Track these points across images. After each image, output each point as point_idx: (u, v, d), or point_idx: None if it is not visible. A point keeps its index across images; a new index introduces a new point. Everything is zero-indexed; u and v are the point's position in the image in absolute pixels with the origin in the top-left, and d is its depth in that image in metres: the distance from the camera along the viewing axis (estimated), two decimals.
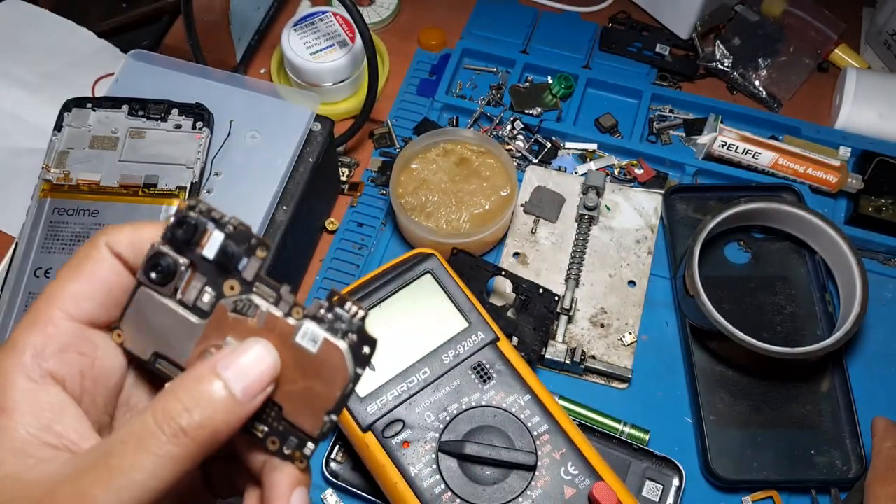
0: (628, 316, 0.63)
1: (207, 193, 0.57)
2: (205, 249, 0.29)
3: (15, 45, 0.72)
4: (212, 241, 0.29)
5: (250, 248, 0.29)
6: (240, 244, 0.29)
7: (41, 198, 0.55)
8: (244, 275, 0.29)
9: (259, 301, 0.29)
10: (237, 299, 0.29)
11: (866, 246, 0.66)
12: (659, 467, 0.55)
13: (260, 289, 0.29)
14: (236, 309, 0.29)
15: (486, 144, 0.65)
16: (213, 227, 0.29)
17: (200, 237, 0.29)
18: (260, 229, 0.56)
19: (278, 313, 0.28)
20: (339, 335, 0.28)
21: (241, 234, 0.29)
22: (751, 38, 0.77)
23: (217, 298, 0.29)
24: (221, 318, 0.29)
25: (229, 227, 0.29)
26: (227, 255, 0.29)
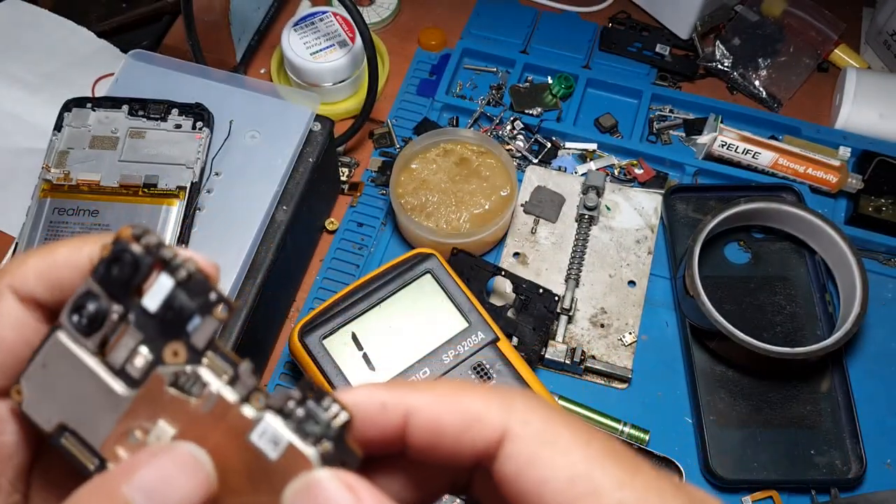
0: (628, 316, 0.63)
1: (207, 193, 0.57)
2: (146, 298, 0.22)
3: (15, 45, 0.72)
4: (157, 289, 0.22)
5: (207, 305, 0.22)
6: (193, 297, 0.22)
7: (41, 198, 0.55)
8: (193, 339, 0.22)
9: (209, 377, 0.22)
10: (180, 370, 0.22)
11: (866, 246, 0.66)
12: (659, 467, 0.55)
13: (212, 361, 0.22)
14: (177, 383, 0.22)
15: (486, 144, 0.65)
16: (160, 270, 0.22)
17: (143, 280, 0.22)
18: (260, 229, 0.56)
19: (232, 398, 0.21)
20: (311, 440, 0.21)
21: (198, 284, 0.22)
22: (751, 38, 0.77)
23: (153, 364, 0.22)
24: (156, 391, 0.22)
25: (182, 272, 0.22)
26: (174, 309, 0.22)
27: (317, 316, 0.54)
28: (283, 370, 0.61)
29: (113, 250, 0.22)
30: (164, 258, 0.22)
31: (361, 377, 0.52)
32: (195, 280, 0.22)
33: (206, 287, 0.22)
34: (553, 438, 0.21)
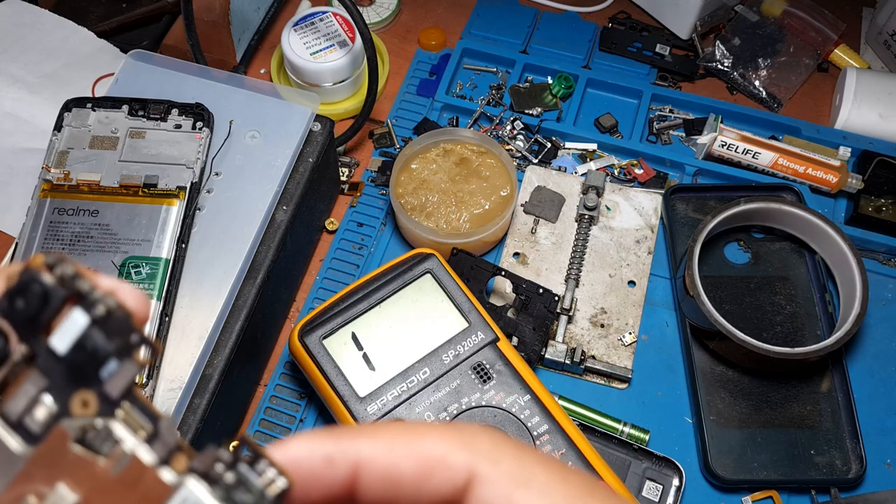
0: (628, 316, 0.63)
1: (207, 193, 0.57)
2: (55, 336, 0.19)
3: (15, 45, 0.72)
4: (67, 327, 0.19)
5: (126, 347, 0.19)
6: (111, 338, 0.19)
7: (41, 198, 0.55)
8: (108, 387, 0.19)
9: (122, 433, 0.19)
10: (88, 424, 0.19)
11: (866, 246, 0.66)
12: (659, 467, 0.55)
13: (128, 413, 0.19)
14: (84, 440, 0.19)
15: (486, 144, 0.65)
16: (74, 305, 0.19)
17: (53, 316, 0.19)
18: (260, 229, 0.56)
19: (149, 458, 0.18)
20: None
21: (118, 322, 0.19)
22: (751, 38, 0.77)
23: (57, 416, 0.19)
24: (58, 449, 0.19)
25: (100, 307, 0.19)
26: (88, 351, 0.19)
27: (317, 316, 0.54)
28: (283, 370, 0.61)
29: (20, 280, 0.19)
30: (81, 291, 0.19)
31: (361, 377, 0.52)
32: (115, 317, 0.19)
33: (128, 326, 0.19)
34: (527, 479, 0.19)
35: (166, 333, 0.51)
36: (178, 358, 0.51)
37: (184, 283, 0.53)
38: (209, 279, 0.54)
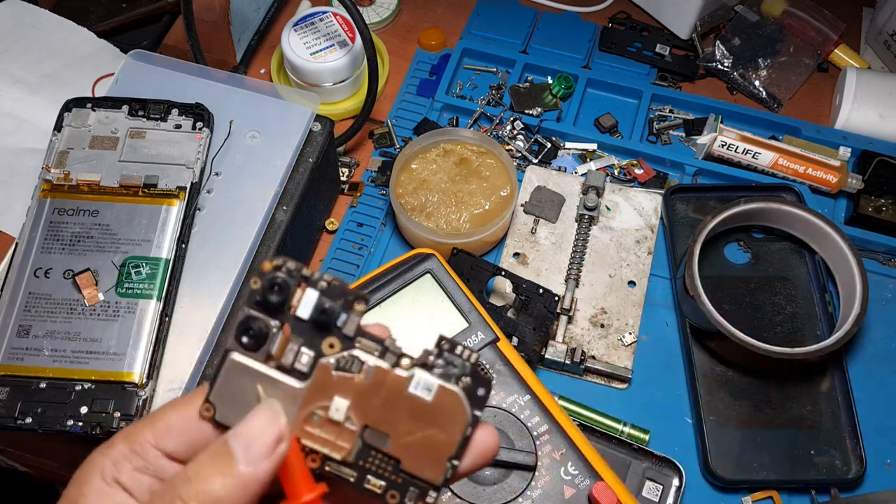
0: (628, 316, 0.63)
1: (207, 193, 0.57)
2: (299, 309, 0.28)
3: (15, 45, 0.72)
4: (306, 300, 0.28)
5: (347, 304, 0.28)
6: (335, 300, 0.28)
7: (41, 198, 0.55)
8: (345, 331, 0.28)
9: (364, 356, 0.27)
10: (339, 356, 0.28)
11: (866, 246, 0.66)
12: (659, 467, 0.55)
13: (363, 343, 0.28)
14: (339, 367, 0.27)
15: (486, 144, 0.65)
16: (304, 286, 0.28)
17: (291, 297, 0.28)
18: (260, 229, 0.56)
19: (386, 366, 0.27)
20: (453, 380, 0.27)
21: (336, 289, 0.28)
22: (751, 38, 0.77)
23: (316, 358, 0.28)
24: (325, 377, 0.28)
25: (322, 283, 0.28)
26: (325, 312, 0.27)
27: None
28: None
29: (264, 280, 0.28)
30: (305, 276, 0.28)
31: None
32: (333, 286, 0.28)
33: (344, 289, 0.28)
34: None
35: (166, 333, 0.51)
36: (178, 358, 0.51)
37: (184, 283, 0.53)
38: (209, 279, 0.54)
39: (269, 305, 0.28)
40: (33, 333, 0.50)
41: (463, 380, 0.27)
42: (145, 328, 0.51)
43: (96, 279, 0.52)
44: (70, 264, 0.52)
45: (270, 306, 0.28)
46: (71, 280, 0.52)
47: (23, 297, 0.52)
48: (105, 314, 0.51)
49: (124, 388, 0.49)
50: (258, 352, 0.28)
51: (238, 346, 0.28)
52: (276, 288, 0.27)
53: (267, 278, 0.28)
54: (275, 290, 0.27)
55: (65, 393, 0.49)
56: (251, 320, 0.28)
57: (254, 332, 0.27)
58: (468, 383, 0.27)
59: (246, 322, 0.28)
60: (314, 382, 0.28)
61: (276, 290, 0.27)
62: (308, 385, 0.28)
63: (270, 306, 0.28)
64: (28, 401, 0.48)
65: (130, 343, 0.50)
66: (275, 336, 0.28)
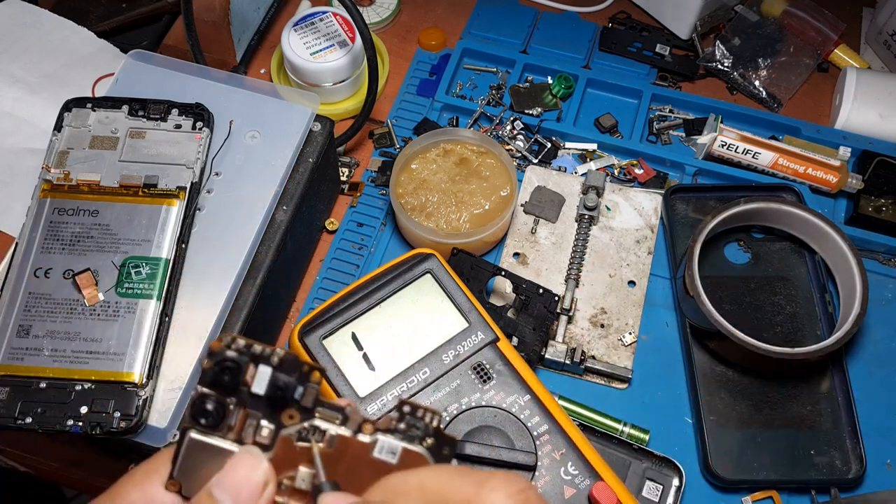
0: (628, 316, 0.63)
1: (207, 193, 0.57)
2: (254, 386, 0.28)
3: (15, 45, 0.72)
4: (259, 378, 0.28)
5: (302, 376, 0.28)
6: (290, 374, 0.28)
7: (41, 198, 0.55)
8: (303, 402, 0.28)
9: (325, 425, 0.28)
10: (300, 427, 0.28)
11: (866, 246, 0.66)
12: (659, 467, 0.55)
13: (322, 412, 0.28)
14: (301, 437, 0.28)
15: (486, 144, 0.65)
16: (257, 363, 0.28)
17: (244, 374, 0.28)
18: (260, 229, 0.56)
19: (348, 433, 0.28)
20: (417, 441, 0.28)
21: (290, 363, 0.28)
22: (751, 38, 0.77)
23: (277, 430, 0.28)
24: (287, 449, 0.28)
25: (274, 358, 0.28)
26: (280, 389, 0.27)
27: (317, 316, 0.54)
28: None
29: (214, 362, 0.28)
30: (256, 353, 0.28)
31: (361, 377, 0.52)
32: (286, 360, 0.28)
33: (298, 363, 0.28)
34: None
35: (166, 333, 0.51)
36: (178, 358, 0.51)
37: (184, 283, 0.53)
38: (209, 279, 0.54)
39: (222, 385, 0.28)
40: (33, 333, 0.50)
41: (427, 440, 0.28)
42: (145, 328, 0.51)
43: (96, 279, 0.52)
44: (70, 264, 0.52)
45: (224, 386, 0.28)
46: (71, 280, 0.52)
47: (23, 297, 0.52)
48: (105, 314, 0.51)
49: (124, 388, 0.49)
50: (217, 428, 0.28)
51: (195, 425, 0.28)
52: (229, 371, 0.27)
53: (217, 359, 0.27)
54: (226, 371, 0.27)
55: (65, 393, 0.49)
56: (206, 400, 0.27)
57: (210, 411, 0.27)
58: (432, 444, 0.28)
59: (202, 402, 0.27)
60: (277, 454, 0.28)
61: (228, 371, 0.27)
62: (270, 456, 0.28)
63: (224, 386, 0.28)
64: (28, 401, 0.48)
65: (130, 343, 0.50)
66: (232, 413, 0.28)
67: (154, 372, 0.50)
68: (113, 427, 0.48)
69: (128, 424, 0.48)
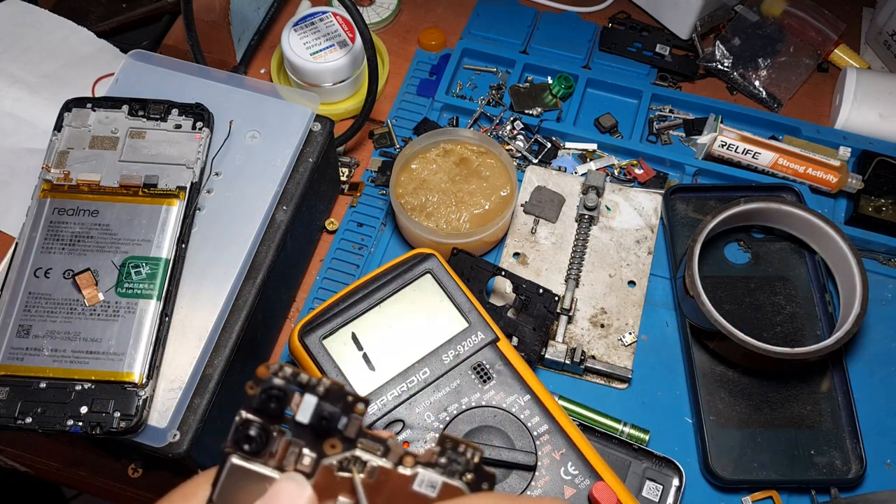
0: (628, 316, 0.63)
1: (207, 193, 0.57)
2: (298, 415, 0.28)
3: (15, 45, 0.72)
4: (305, 406, 0.28)
5: (347, 407, 0.28)
6: (335, 404, 0.28)
7: (41, 198, 0.55)
8: (346, 433, 0.28)
9: (366, 456, 0.28)
10: (342, 457, 0.28)
11: (866, 246, 0.66)
12: (659, 467, 0.55)
13: (364, 443, 0.28)
14: (342, 467, 0.28)
15: (486, 144, 0.65)
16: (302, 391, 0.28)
17: (289, 402, 0.28)
18: (260, 229, 0.56)
19: (389, 465, 0.28)
20: (457, 476, 0.28)
21: (335, 393, 0.28)
22: (751, 38, 0.77)
23: (318, 458, 0.28)
24: (328, 478, 0.28)
25: (321, 388, 0.28)
26: (325, 419, 0.28)
27: (317, 316, 0.54)
28: None
29: (261, 390, 0.28)
30: (302, 382, 0.28)
31: (361, 377, 0.52)
32: (332, 391, 0.28)
33: (343, 393, 0.28)
34: None
35: (166, 333, 0.51)
36: (178, 358, 0.51)
37: (184, 283, 0.53)
38: (209, 279, 0.54)
39: (268, 412, 0.28)
40: (33, 333, 0.50)
41: (466, 475, 0.28)
42: (145, 328, 0.51)
43: (96, 279, 0.52)
44: (70, 264, 0.52)
45: (269, 413, 0.28)
46: (71, 280, 0.52)
47: (23, 297, 0.52)
48: (105, 314, 0.51)
49: (124, 388, 0.49)
50: (259, 455, 0.28)
51: (237, 450, 0.28)
52: (274, 398, 0.27)
53: (264, 386, 0.28)
54: (273, 399, 0.27)
55: (65, 393, 0.49)
56: (250, 425, 0.28)
57: (254, 438, 0.27)
58: (472, 479, 0.28)
59: (246, 427, 0.28)
60: (317, 483, 0.28)
61: (275, 399, 0.27)
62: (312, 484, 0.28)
63: (269, 413, 0.28)
64: (28, 401, 0.48)
65: (130, 343, 0.50)
66: (275, 439, 0.28)
67: (154, 372, 0.50)
68: (113, 427, 0.48)
69: (128, 424, 0.48)
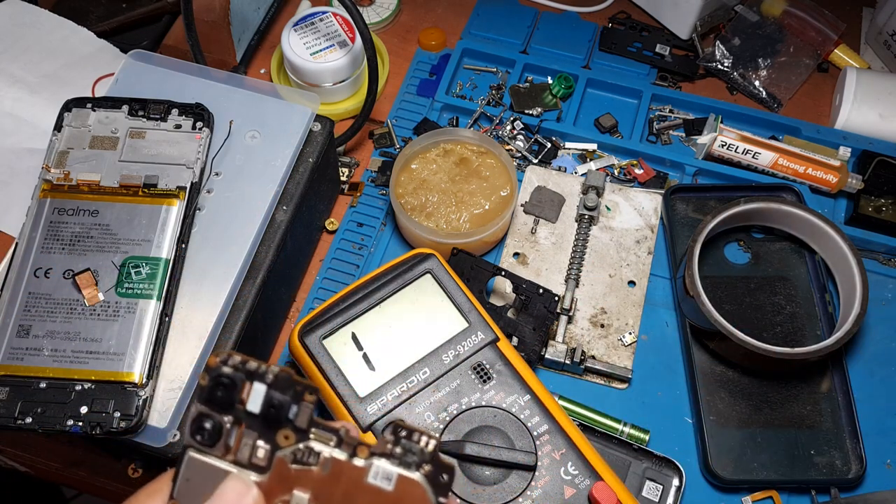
0: (628, 316, 0.63)
1: (207, 193, 0.57)
2: (248, 403, 0.27)
3: (15, 45, 0.72)
4: (254, 395, 0.27)
5: (297, 395, 0.27)
6: (285, 392, 0.27)
7: (41, 198, 0.55)
8: (297, 422, 0.27)
9: (319, 447, 0.27)
10: (295, 449, 0.27)
11: (866, 246, 0.66)
12: (659, 467, 0.55)
13: (317, 434, 0.27)
14: (296, 459, 0.27)
15: (486, 144, 0.65)
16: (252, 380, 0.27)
17: (240, 391, 0.27)
18: (260, 229, 0.56)
19: (342, 456, 0.27)
20: (413, 467, 0.27)
21: (284, 381, 0.27)
22: (751, 38, 0.77)
23: (273, 451, 0.27)
24: (283, 470, 0.27)
25: (269, 376, 0.27)
26: (274, 407, 0.27)
27: (317, 316, 0.54)
28: None
29: (210, 378, 0.27)
30: (251, 370, 0.27)
31: (361, 377, 0.52)
32: (281, 379, 0.27)
33: (291, 381, 0.27)
34: None
35: (166, 333, 0.51)
36: (178, 358, 0.51)
37: (184, 283, 0.53)
38: (209, 279, 0.54)
39: (218, 401, 0.27)
40: (33, 333, 0.50)
41: (424, 467, 0.27)
42: (145, 328, 0.51)
43: (96, 279, 0.52)
44: (70, 264, 0.52)
45: (220, 402, 0.27)
46: (71, 280, 0.52)
47: (23, 297, 0.52)
48: (105, 314, 0.51)
49: (124, 388, 0.49)
50: (215, 447, 0.28)
51: (193, 443, 0.28)
52: (223, 387, 0.27)
53: (213, 376, 0.27)
54: (221, 387, 0.27)
55: (65, 393, 0.49)
56: (203, 417, 0.27)
57: (207, 429, 0.27)
58: (429, 470, 0.27)
59: (198, 419, 0.28)
60: (273, 475, 0.27)
61: (223, 387, 0.27)
62: (267, 478, 0.27)
63: (220, 402, 0.27)
64: (28, 401, 0.48)
65: (130, 343, 0.50)
66: (229, 431, 0.28)
67: (154, 372, 0.50)
68: (113, 427, 0.48)
69: (128, 424, 0.48)
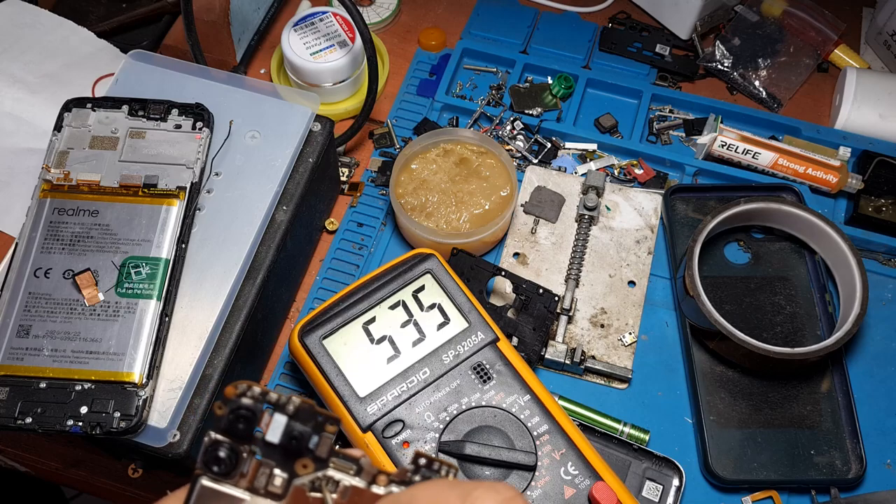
0: (628, 316, 0.63)
1: (207, 193, 0.57)
2: (268, 434, 0.27)
3: (15, 45, 0.72)
4: (274, 426, 0.27)
5: (318, 425, 0.27)
6: (306, 423, 0.27)
7: (41, 198, 0.55)
8: (317, 453, 0.27)
9: (338, 475, 0.27)
10: (314, 477, 0.27)
11: (866, 246, 0.66)
12: (659, 467, 0.55)
13: (336, 463, 0.27)
14: (314, 487, 0.27)
15: (486, 144, 0.65)
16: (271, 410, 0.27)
17: (259, 420, 0.27)
18: (260, 229, 0.56)
19: (362, 484, 0.27)
20: None
21: (305, 412, 0.27)
22: (751, 38, 0.77)
23: (290, 479, 0.27)
24: (300, 498, 0.27)
25: (290, 407, 0.27)
26: (295, 437, 0.27)
27: (317, 316, 0.54)
28: (283, 370, 0.61)
29: (229, 410, 0.27)
30: (271, 401, 0.27)
31: (361, 377, 0.52)
32: (302, 410, 0.27)
33: (313, 412, 0.27)
34: None
35: (166, 333, 0.51)
36: (178, 358, 0.51)
37: (184, 283, 0.53)
38: (209, 279, 0.54)
39: (236, 433, 0.27)
40: (33, 333, 0.50)
41: None
42: (145, 328, 0.51)
43: (96, 279, 0.52)
44: (70, 264, 0.52)
45: (238, 433, 0.27)
46: (71, 280, 0.52)
47: (23, 297, 0.52)
48: (105, 314, 0.51)
49: (124, 388, 0.49)
50: (230, 476, 0.27)
51: (207, 472, 0.27)
52: (244, 419, 0.27)
53: (232, 406, 0.27)
54: (241, 419, 0.27)
55: (65, 393, 0.49)
56: (219, 446, 0.27)
57: (224, 460, 0.27)
58: None
59: (214, 449, 0.27)
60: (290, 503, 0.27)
61: (243, 420, 0.27)
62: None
63: (238, 433, 0.27)
64: (28, 401, 0.48)
65: (130, 343, 0.50)
66: (245, 460, 0.27)
67: (154, 372, 0.50)
68: (113, 427, 0.48)
69: (128, 424, 0.48)
